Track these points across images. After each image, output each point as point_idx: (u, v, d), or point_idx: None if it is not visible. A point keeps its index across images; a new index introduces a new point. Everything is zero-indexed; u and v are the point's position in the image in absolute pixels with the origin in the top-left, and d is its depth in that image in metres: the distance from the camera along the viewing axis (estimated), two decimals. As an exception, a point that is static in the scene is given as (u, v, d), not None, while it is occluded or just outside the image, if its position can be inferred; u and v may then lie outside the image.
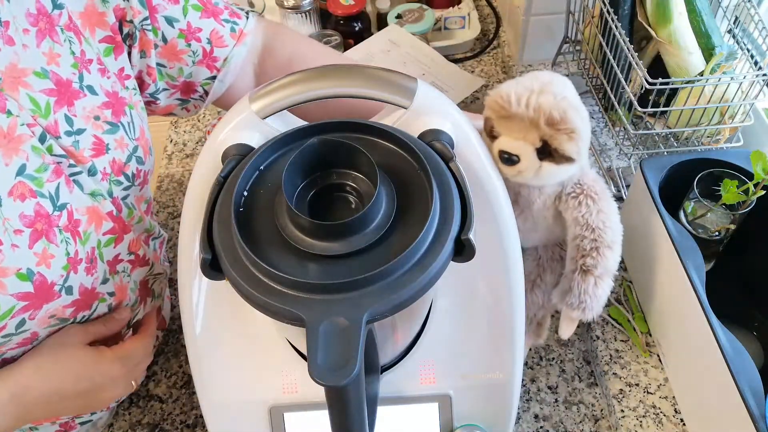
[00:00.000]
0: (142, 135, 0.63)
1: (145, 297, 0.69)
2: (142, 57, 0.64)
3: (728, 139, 0.84)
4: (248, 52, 0.71)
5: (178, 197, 1.00)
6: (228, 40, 0.68)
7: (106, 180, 0.59)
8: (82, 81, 0.57)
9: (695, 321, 0.62)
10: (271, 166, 0.47)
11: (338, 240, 0.41)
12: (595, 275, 0.58)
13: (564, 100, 0.52)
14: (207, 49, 0.67)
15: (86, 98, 0.57)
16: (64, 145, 0.55)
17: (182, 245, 0.53)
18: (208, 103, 0.73)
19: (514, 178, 0.56)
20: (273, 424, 0.58)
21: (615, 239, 0.58)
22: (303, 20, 1.10)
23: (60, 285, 0.54)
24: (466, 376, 0.58)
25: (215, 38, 0.67)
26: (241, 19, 0.70)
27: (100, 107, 0.58)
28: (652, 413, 0.70)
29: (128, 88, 0.63)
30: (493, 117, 0.55)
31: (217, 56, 0.68)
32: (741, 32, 0.81)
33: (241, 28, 0.69)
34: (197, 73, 0.69)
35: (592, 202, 0.57)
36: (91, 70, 0.58)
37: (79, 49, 0.57)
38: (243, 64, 0.71)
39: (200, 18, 0.66)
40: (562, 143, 0.53)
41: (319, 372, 0.36)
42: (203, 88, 0.71)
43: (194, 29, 0.66)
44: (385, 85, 0.50)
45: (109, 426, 0.75)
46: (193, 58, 0.67)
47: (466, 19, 1.15)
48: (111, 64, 0.61)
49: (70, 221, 0.55)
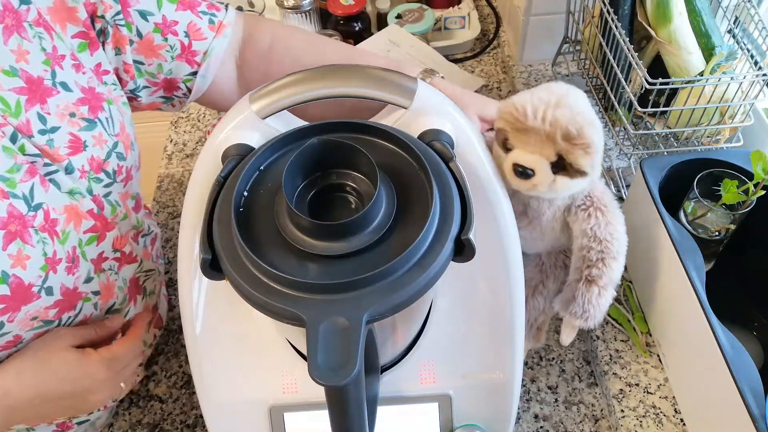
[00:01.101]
0: (123, 130, 0.62)
1: (135, 295, 0.68)
2: (117, 54, 0.62)
3: (728, 139, 0.84)
4: (229, 44, 0.69)
5: (178, 197, 1.00)
6: (206, 32, 0.66)
7: (84, 177, 0.58)
8: (54, 78, 0.56)
9: (695, 321, 0.62)
10: (271, 166, 0.47)
11: (338, 240, 0.41)
12: (600, 285, 0.58)
13: (580, 114, 0.51)
14: (185, 43, 0.65)
15: (60, 95, 0.56)
16: (38, 144, 0.54)
17: (182, 245, 0.53)
18: (192, 100, 0.72)
19: (528, 191, 0.56)
20: (273, 424, 0.58)
21: (620, 250, 0.58)
22: (303, 20, 1.10)
23: (38, 286, 0.53)
24: (466, 376, 0.58)
25: (193, 31, 0.65)
26: (220, 11, 0.68)
27: (75, 104, 0.57)
28: (652, 413, 0.70)
29: (107, 84, 0.61)
30: (508, 129, 0.54)
31: (197, 50, 0.66)
32: (741, 32, 0.81)
33: (220, 20, 0.67)
34: (177, 70, 0.67)
35: (601, 214, 0.57)
36: (65, 66, 0.57)
37: (51, 44, 0.56)
38: (224, 57, 0.69)
39: (176, 11, 0.64)
40: (578, 158, 0.52)
41: (319, 372, 0.36)
42: (185, 85, 0.69)
43: (170, 22, 0.63)
44: (385, 85, 0.50)
45: (109, 426, 0.75)
46: (171, 53, 0.65)
47: (466, 19, 1.15)
48: (86, 59, 0.59)
49: (47, 221, 0.54)
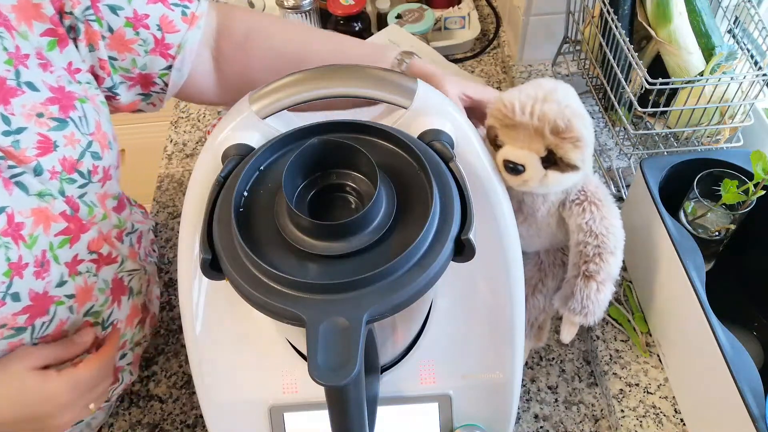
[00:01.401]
0: (98, 129, 0.61)
1: (119, 295, 0.67)
2: (91, 51, 0.61)
3: (728, 139, 0.84)
4: (203, 35, 0.68)
5: (178, 197, 1.00)
6: (179, 24, 0.65)
7: (56, 178, 0.56)
8: (19, 77, 0.54)
9: (695, 321, 0.62)
10: (272, 167, 0.47)
11: (338, 240, 0.41)
12: (598, 281, 0.58)
13: (568, 108, 0.52)
14: (158, 37, 0.64)
15: (26, 95, 0.55)
16: (1, 146, 0.53)
17: (182, 245, 0.53)
18: (170, 95, 0.71)
19: (519, 187, 0.56)
20: (273, 424, 0.58)
21: (617, 245, 0.58)
22: (303, 20, 1.10)
23: (2, 292, 0.52)
24: (466, 376, 0.58)
25: (165, 24, 0.64)
26: (193, 3, 0.67)
27: (43, 103, 0.56)
28: (652, 413, 0.70)
29: (81, 82, 0.60)
30: (497, 126, 0.54)
31: (170, 43, 0.65)
32: (741, 32, 0.81)
33: (192, 11, 0.66)
34: (152, 64, 0.66)
35: (596, 208, 0.57)
36: (30, 66, 0.55)
37: (13, 44, 0.54)
38: (199, 49, 0.68)
39: (147, 4, 0.63)
40: (568, 152, 0.52)
41: (319, 372, 0.36)
42: (162, 80, 0.68)
43: (141, 16, 0.62)
44: (385, 85, 0.50)
45: (109, 426, 0.75)
46: (144, 47, 0.64)
47: (466, 19, 1.15)
48: (56, 58, 0.58)
49: (11, 225, 0.52)
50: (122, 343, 0.69)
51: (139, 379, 0.79)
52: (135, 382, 0.79)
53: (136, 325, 0.71)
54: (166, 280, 0.89)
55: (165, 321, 0.84)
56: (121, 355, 0.70)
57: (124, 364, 0.71)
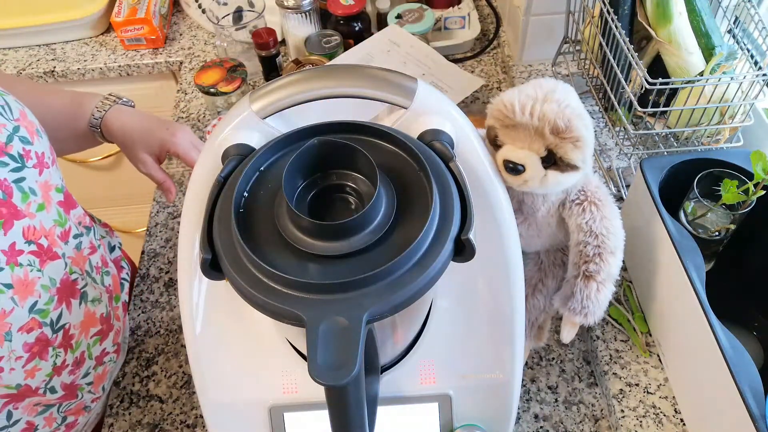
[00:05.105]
0: (24, 118, 0.60)
1: (68, 297, 0.64)
2: None
3: (728, 139, 0.84)
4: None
5: (178, 197, 1.00)
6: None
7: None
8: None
9: (695, 321, 0.62)
10: (272, 167, 0.47)
11: (338, 240, 0.41)
12: (598, 281, 0.58)
13: (568, 108, 0.52)
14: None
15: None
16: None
17: (182, 245, 0.53)
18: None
19: (519, 187, 0.56)
20: (273, 424, 0.58)
21: (617, 245, 0.58)
22: (303, 20, 1.10)
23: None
24: (466, 376, 0.58)
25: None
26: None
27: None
28: (652, 413, 0.70)
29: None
30: (497, 126, 0.54)
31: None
32: (741, 32, 0.81)
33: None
34: None
35: (596, 208, 0.58)
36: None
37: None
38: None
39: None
40: (568, 152, 0.52)
41: (319, 372, 0.36)
42: None
43: None
44: (385, 85, 0.50)
45: (109, 426, 0.75)
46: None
47: (466, 19, 1.15)
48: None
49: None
50: (80, 355, 0.67)
51: (139, 379, 0.79)
52: (135, 382, 0.79)
53: (93, 336, 0.69)
54: (166, 280, 0.89)
55: (165, 321, 0.85)
56: (84, 372, 0.68)
57: (83, 383, 0.69)
